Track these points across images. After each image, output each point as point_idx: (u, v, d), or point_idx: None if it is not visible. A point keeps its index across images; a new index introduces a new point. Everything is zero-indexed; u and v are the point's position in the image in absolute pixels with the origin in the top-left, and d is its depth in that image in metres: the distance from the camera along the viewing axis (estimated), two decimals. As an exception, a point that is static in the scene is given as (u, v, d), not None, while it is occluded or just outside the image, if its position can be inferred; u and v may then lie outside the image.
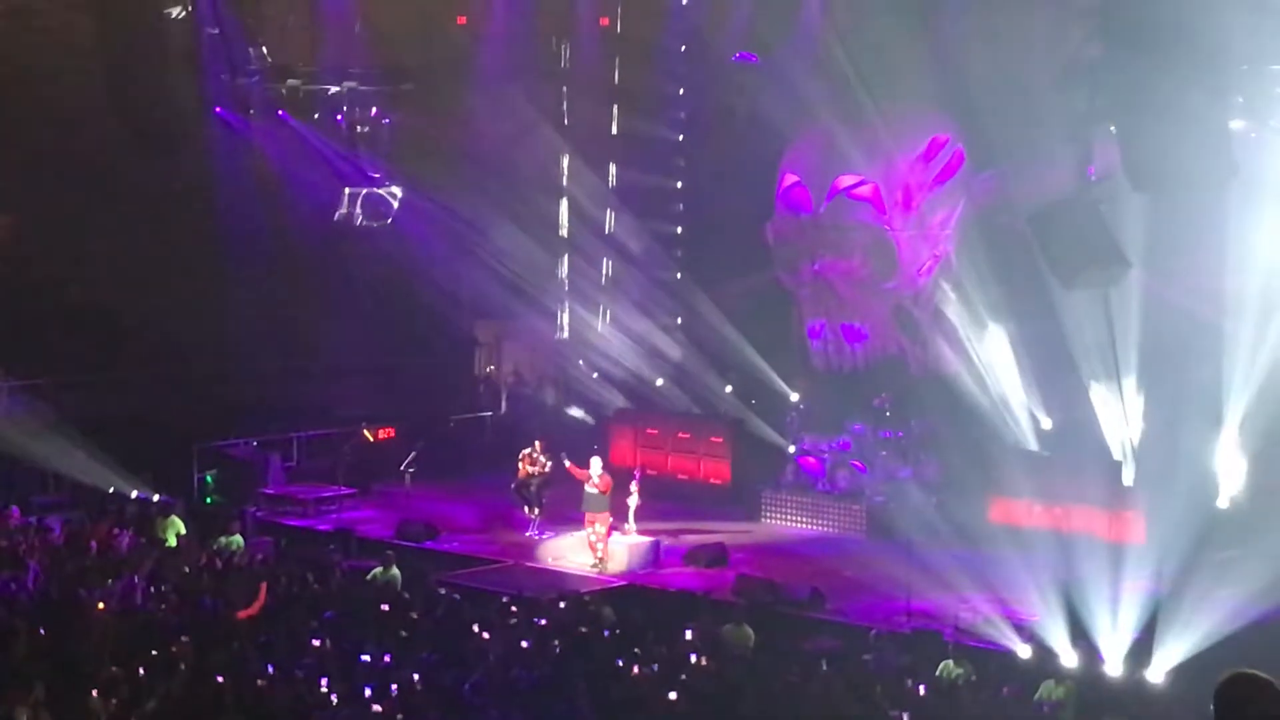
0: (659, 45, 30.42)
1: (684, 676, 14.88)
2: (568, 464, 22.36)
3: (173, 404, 26.14)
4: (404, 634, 16.00)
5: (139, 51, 26.22)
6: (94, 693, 12.45)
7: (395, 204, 28.52)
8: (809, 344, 27.85)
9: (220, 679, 13.17)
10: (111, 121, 26.16)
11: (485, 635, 16.06)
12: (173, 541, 20.68)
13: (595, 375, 30.82)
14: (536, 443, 23.53)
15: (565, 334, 32.26)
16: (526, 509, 23.47)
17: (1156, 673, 16.50)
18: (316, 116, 28.77)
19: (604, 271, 31.88)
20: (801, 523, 24.92)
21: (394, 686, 13.70)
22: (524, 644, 15.73)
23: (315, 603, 17.18)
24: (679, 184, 31.19)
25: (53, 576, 17.46)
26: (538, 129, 30.42)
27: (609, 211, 31.58)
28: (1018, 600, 18.88)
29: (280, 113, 28.28)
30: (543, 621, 16.73)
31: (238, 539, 20.65)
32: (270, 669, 13.90)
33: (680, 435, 27.44)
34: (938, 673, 16.11)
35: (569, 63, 31.34)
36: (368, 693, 13.52)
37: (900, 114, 25.85)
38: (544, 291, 31.46)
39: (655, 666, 15.13)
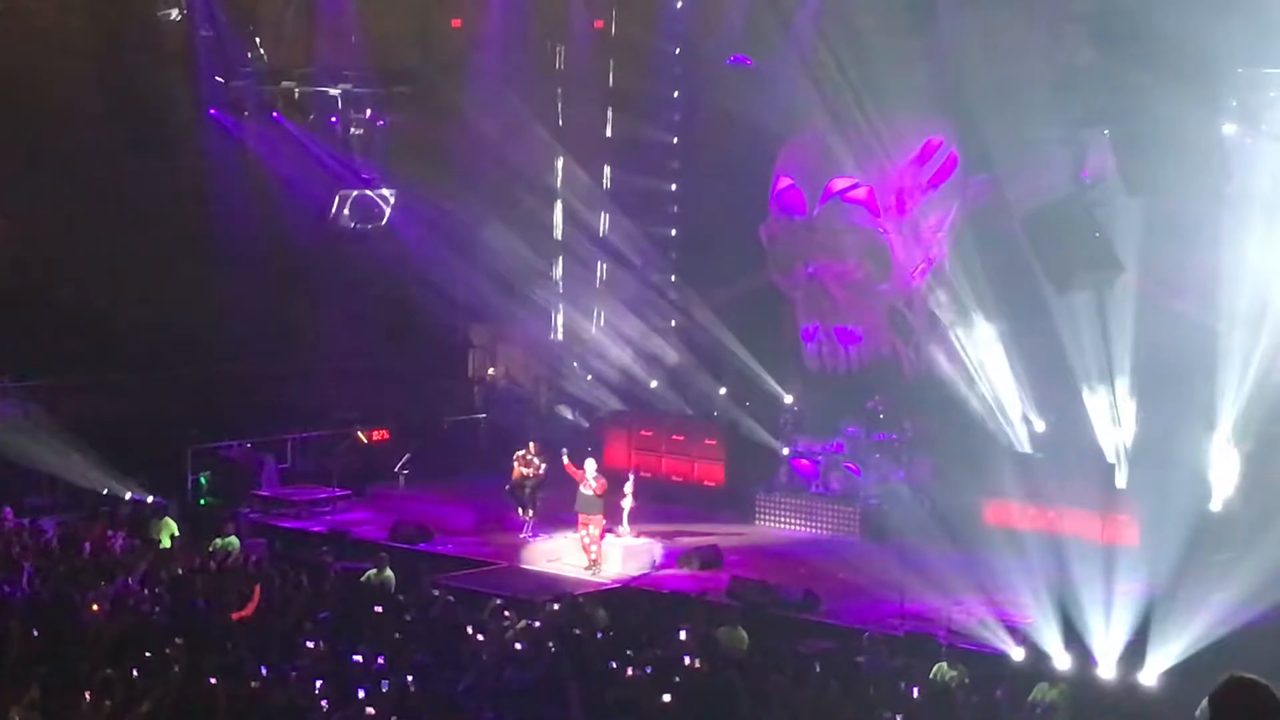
0: (653, 48, 30.37)
1: (677, 679, 14.88)
2: (565, 461, 22.35)
3: (167, 406, 26.13)
4: (398, 636, 16.00)
5: (134, 53, 26.19)
6: (87, 695, 12.44)
7: (388, 206, 28.48)
8: (803, 346, 27.89)
9: (214, 681, 13.17)
10: (106, 123, 26.14)
11: (479, 637, 16.07)
12: (166, 543, 20.67)
13: (589, 377, 30.79)
14: (531, 444, 23.55)
15: (559, 336, 32.24)
16: (521, 511, 23.46)
17: (1150, 675, 16.53)
18: (311, 118, 28.72)
19: (598, 274, 31.83)
20: (795, 525, 24.90)
21: (385, 685, 13.70)
22: (518, 646, 15.74)
23: (309, 605, 17.17)
24: (673, 186, 31.13)
25: (46, 578, 17.43)
26: (532, 131, 30.38)
27: (603, 214, 31.54)
28: (1011, 603, 18.90)
29: (274, 114, 28.23)
30: (536, 623, 16.73)
31: (233, 540, 20.63)
32: (264, 671, 13.90)
33: (674, 437, 27.41)
34: (931, 675, 16.11)
35: (564, 65, 31.30)
36: (361, 694, 13.52)
37: (894, 117, 25.85)
38: (538, 294, 31.45)
39: (649, 669, 15.12)
